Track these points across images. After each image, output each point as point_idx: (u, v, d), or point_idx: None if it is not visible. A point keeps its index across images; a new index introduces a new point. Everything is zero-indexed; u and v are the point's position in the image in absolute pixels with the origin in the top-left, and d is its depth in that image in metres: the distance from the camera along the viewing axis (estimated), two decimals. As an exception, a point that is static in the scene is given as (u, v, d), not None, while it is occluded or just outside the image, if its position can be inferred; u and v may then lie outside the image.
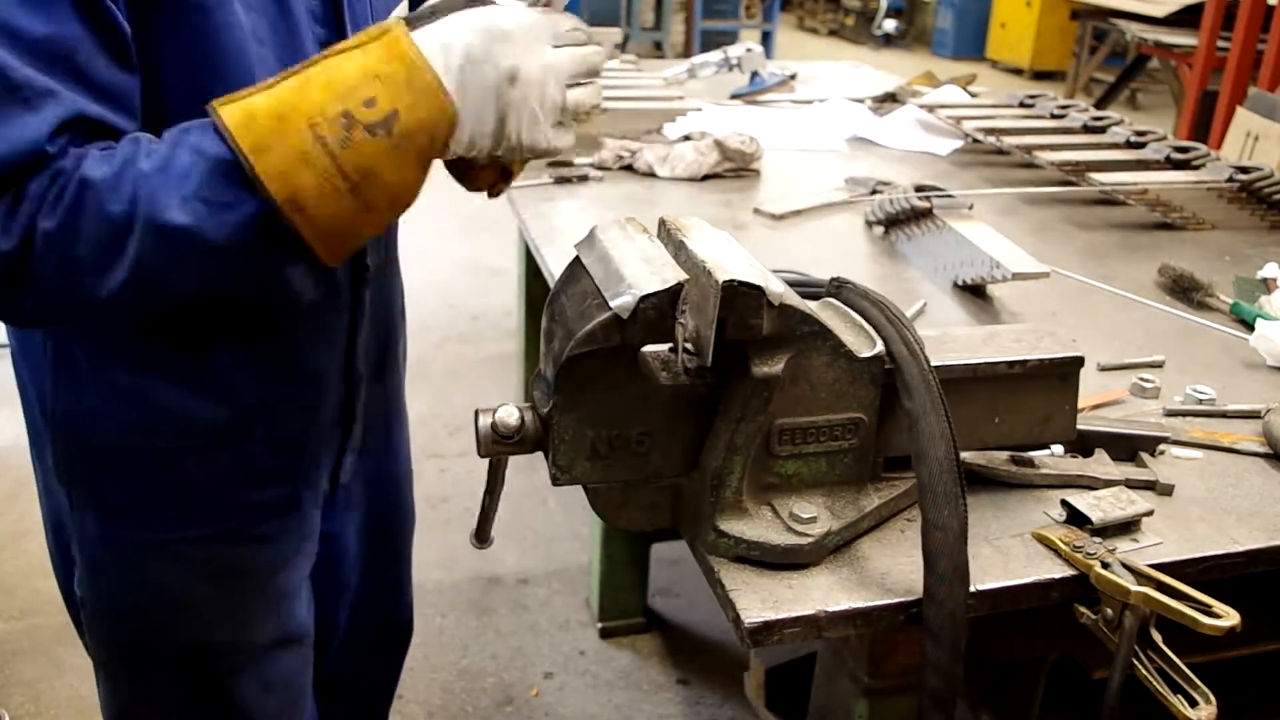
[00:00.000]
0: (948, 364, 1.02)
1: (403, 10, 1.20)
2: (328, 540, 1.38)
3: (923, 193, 1.88)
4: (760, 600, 0.94)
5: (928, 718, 0.92)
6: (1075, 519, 1.05)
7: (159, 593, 1.17)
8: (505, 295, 4.25)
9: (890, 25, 11.93)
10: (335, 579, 1.46)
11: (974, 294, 1.69)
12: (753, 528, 0.97)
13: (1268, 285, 1.73)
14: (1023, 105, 2.80)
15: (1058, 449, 1.16)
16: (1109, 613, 0.95)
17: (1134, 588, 0.93)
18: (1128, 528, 1.04)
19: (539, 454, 0.97)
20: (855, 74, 3.51)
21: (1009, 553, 1.02)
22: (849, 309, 1.04)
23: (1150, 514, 1.05)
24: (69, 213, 0.84)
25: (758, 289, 0.90)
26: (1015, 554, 1.02)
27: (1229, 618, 0.89)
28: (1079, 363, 1.08)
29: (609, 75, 2.95)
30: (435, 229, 4.92)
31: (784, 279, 0.98)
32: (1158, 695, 0.93)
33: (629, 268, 0.90)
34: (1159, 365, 1.45)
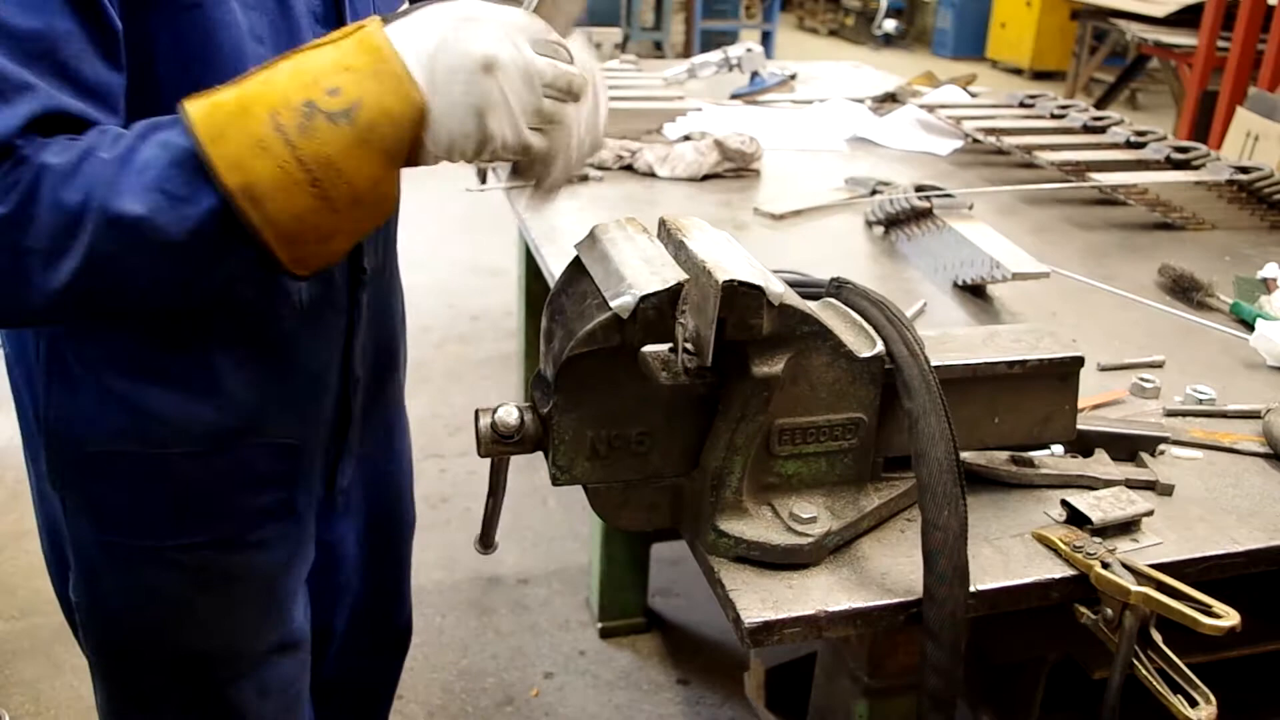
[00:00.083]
0: (948, 364, 1.02)
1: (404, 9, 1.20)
2: (326, 546, 1.37)
3: (923, 193, 1.88)
4: (760, 600, 0.93)
5: (927, 718, 0.92)
6: (1075, 519, 1.05)
7: (154, 599, 1.16)
8: (505, 295, 4.25)
9: (890, 25, 11.93)
10: (334, 583, 1.45)
11: (974, 294, 1.68)
12: (753, 528, 0.97)
13: (1268, 285, 1.73)
14: (1023, 105, 2.79)
15: (1058, 449, 1.16)
16: (1109, 613, 0.95)
17: (1134, 588, 0.93)
18: (1128, 528, 1.04)
19: (539, 454, 0.97)
20: (855, 74, 3.51)
21: (1009, 553, 1.02)
22: (849, 309, 1.04)
23: (1150, 514, 1.05)
24: (23, 197, 0.81)
25: (758, 289, 0.89)
26: (1015, 554, 1.02)
27: (1229, 618, 0.89)
28: (1079, 363, 1.08)
29: (609, 75, 2.95)
30: (435, 229, 4.93)
31: (784, 279, 0.98)
32: (1158, 695, 0.93)
33: (629, 268, 0.90)
34: (1159, 365, 1.45)
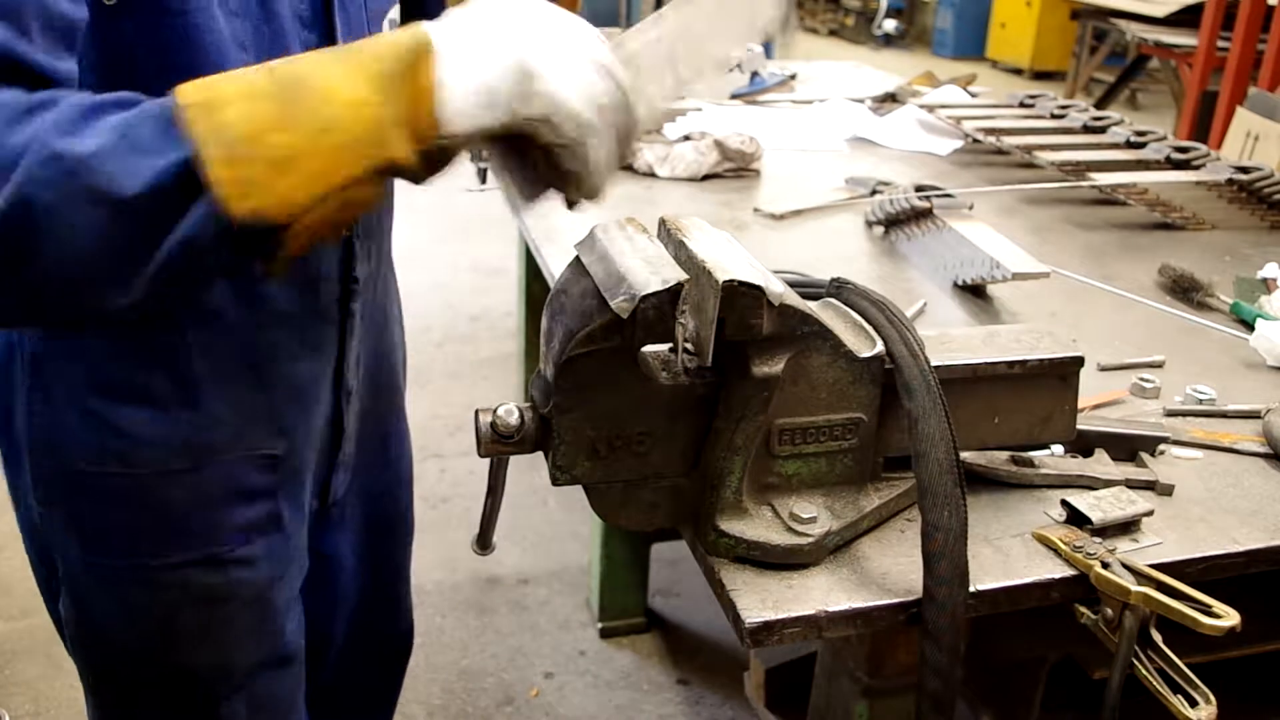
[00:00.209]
0: (948, 364, 1.02)
1: (395, 14, 1.18)
2: (323, 558, 1.36)
3: (923, 193, 1.88)
4: (760, 600, 0.93)
5: (927, 719, 0.92)
6: (1075, 519, 1.05)
7: (143, 618, 1.14)
8: (505, 295, 4.24)
9: (890, 25, 11.93)
10: (332, 595, 1.43)
11: (974, 294, 1.68)
12: (753, 528, 0.97)
13: (1268, 285, 1.73)
14: (1023, 105, 2.79)
15: (1058, 449, 1.16)
16: (1109, 613, 0.95)
17: (1134, 588, 0.93)
18: (1128, 528, 1.04)
19: (539, 454, 0.97)
20: (855, 74, 3.51)
21: (1009, 553, 1.02)
22: (849, 309, 1.04)
23: (1150, 514, 1.05)
24: None
25: (758, 289, 0.89)
26: (1015, 554, 1.02)
27: (1229, 618, 0.89)
28: (1079, 363, 1.08)
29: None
30: (435, 229, 4.93)
31: (784, 279, 0.98)
32: (1158, 695, 0.93)
33: (629, 268, 0.90)
34: (1159, 365, 1.45)
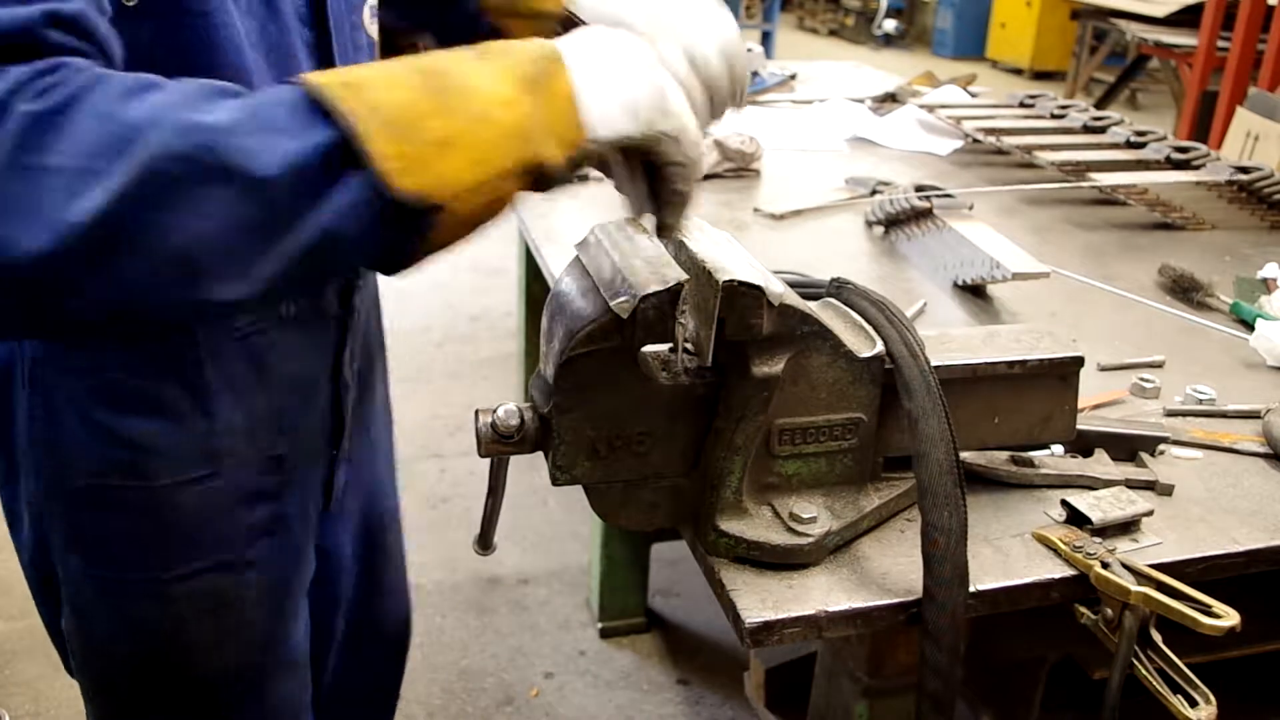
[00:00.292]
0: (948, 364, 1.02)
1: (373, 2, 1.15)
2: (324, 553, 1.35)
3: (923, 193, 1.88)
4: (760, 600, 0.93)
5: None
6: (1075, 519, 1.05)
7: (150, 630, 1.13)
8: (505, 295, 4.25)
9: (890, 25, 11.94)
10: (333, 593, 1.43)
11: (974, 294, 1.68)
12: (753, 528, 0.97)
13: (1268, 285, 1.73)
14: (1023, 105, 2.79)
15: (1058, 449, 1.16)
16: (1109, 613, 0.95)
17: (1134, 588, 0.93)
18: (1128, 528, 1.04)
19: (539, 454, 0.97)
20: (855, 74, 3.51)
21: (1009, 553, 1.02)
22: (849, 309, 1.04)
23: (1150, 514, 1.05)
24: (65, 100, 0.66)
25: (758, 289, 0.89)
26: (1015, 554, 1.02)
27: (1229, 618, 0.89)
28: (1079, 363, 1.08)
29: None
30: (435, 229, 4.92)
31: (784, 279, 0.97)
32: (1158, 695, 0.93)
33: (629, 268, 0.90)
34: (1159, 365, 1.45)
